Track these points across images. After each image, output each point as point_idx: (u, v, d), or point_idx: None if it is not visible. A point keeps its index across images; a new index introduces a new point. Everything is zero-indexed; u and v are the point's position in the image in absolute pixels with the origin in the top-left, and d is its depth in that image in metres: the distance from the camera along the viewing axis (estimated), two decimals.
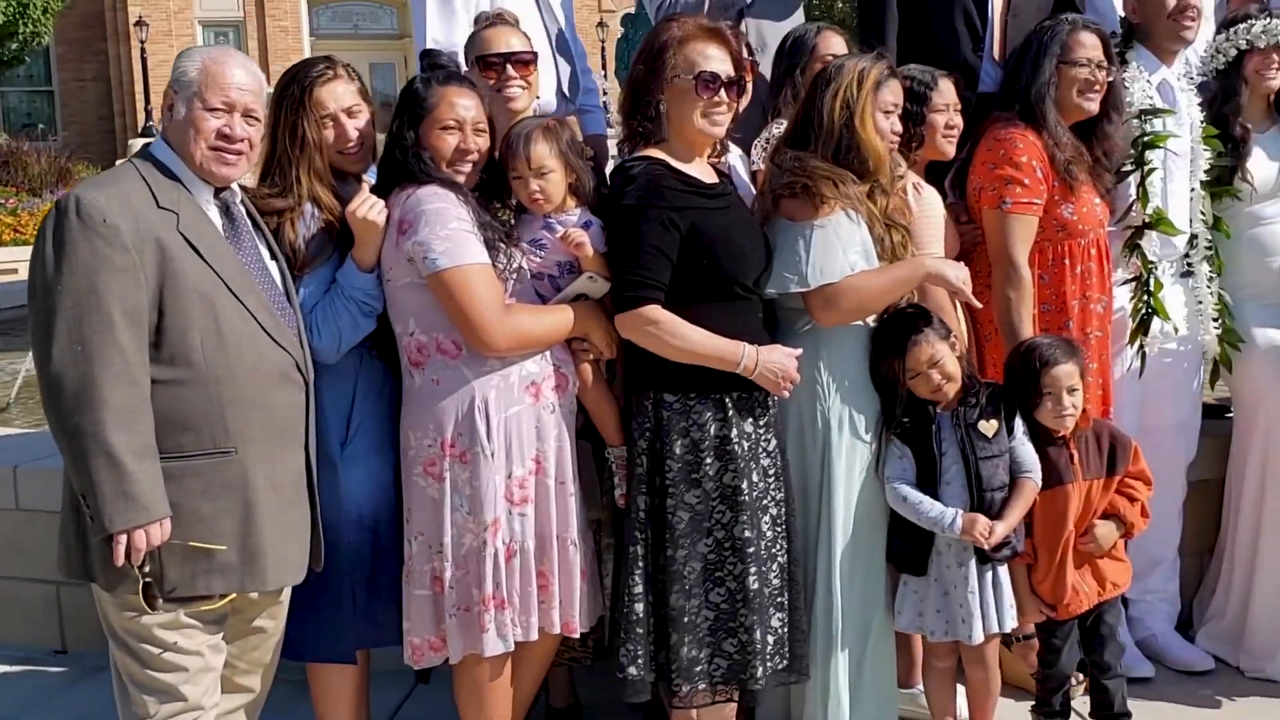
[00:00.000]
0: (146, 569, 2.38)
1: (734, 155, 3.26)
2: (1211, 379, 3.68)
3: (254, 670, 2.75)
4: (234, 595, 2.50)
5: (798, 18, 3.86)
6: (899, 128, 3.04)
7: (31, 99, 26.46)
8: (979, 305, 3.02)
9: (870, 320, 2.97)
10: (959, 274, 2.90)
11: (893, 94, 3.00)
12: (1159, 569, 3.64)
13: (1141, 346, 3.41)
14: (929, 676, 3.09)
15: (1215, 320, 3.52)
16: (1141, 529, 3.07)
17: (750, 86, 3.22)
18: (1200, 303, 3.52)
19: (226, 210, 2.56)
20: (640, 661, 2.78)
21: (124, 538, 2.31)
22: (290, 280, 2.65)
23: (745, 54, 3.23)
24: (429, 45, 3.30)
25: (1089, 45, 3.19)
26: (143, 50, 23.55)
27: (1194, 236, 3.51)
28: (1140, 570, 3.61)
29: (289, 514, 2.56)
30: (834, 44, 3.41)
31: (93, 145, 23.90)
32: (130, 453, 2.31)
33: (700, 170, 2.81)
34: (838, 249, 2.83)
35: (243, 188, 2.66)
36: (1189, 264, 3.52)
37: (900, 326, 2.93)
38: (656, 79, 2.73)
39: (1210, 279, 3.52)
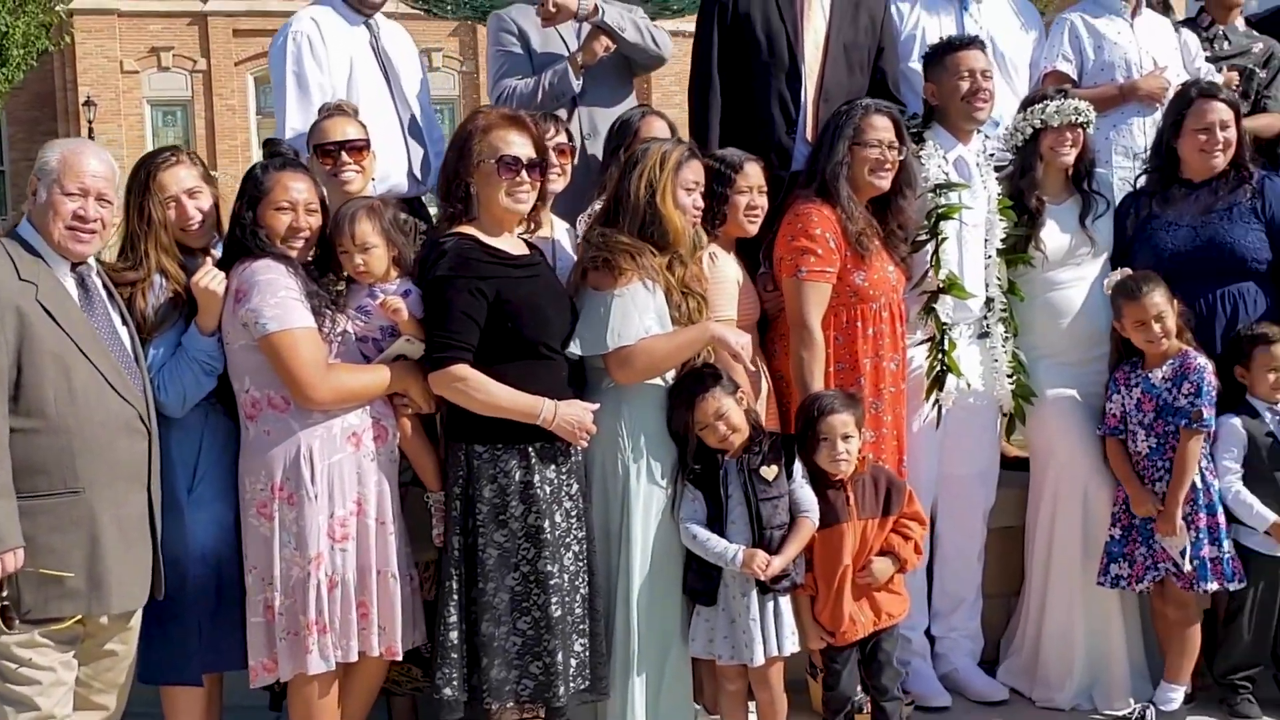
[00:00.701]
0: (4, 593, 2.74)
1: (561, 229, 3.64)
2: (1007, 432, 4.03)
3: (109, 690, 3.08)
4: (81, 617, 2.85)
5: (630, 102, 4.24)
6: (700, 204, 3.43)
7: None
8: (752, 370, 3.37)
9: (669, 377, 3.34)
10: (739, 339, 3.26)
11: (693, 173, 3.39)
12: (961, 608, 3.97)
13: (937, 401, 3.77)
14: (723, 698, 3.42)
15: (1010, 377, 3.88)
16: (914, 565, 3.43)
17: (567, 167, 3.60)
18: (996, 361, 3.87)
19: (82, 282, 2.94)
20: (455, 683, 3.12)
21: None
22: (139, 343, 3.01)
23: (566, 139, 3.64)
24: (288, 133, 3.69)
25: (880, 128, 3.58)
26: (90, 130, 23.83)
27: (990, 300, 3.87)
28: (944, 610, 3.99)
29: (132, 548, 2.91)
30: (656, 127, 3.80)
31: None
32: None
33: (509, 244, 3.19)
34: (634, 315, 3.20)
35: (101, 262, 3.04)
36: (986, 325, 3.88)
37: (692, 383, 3.29)
38: (465, 163, 3.11)
39: (1005, 339, 3.88)
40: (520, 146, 3.11)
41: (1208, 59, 4.57)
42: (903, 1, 4.29)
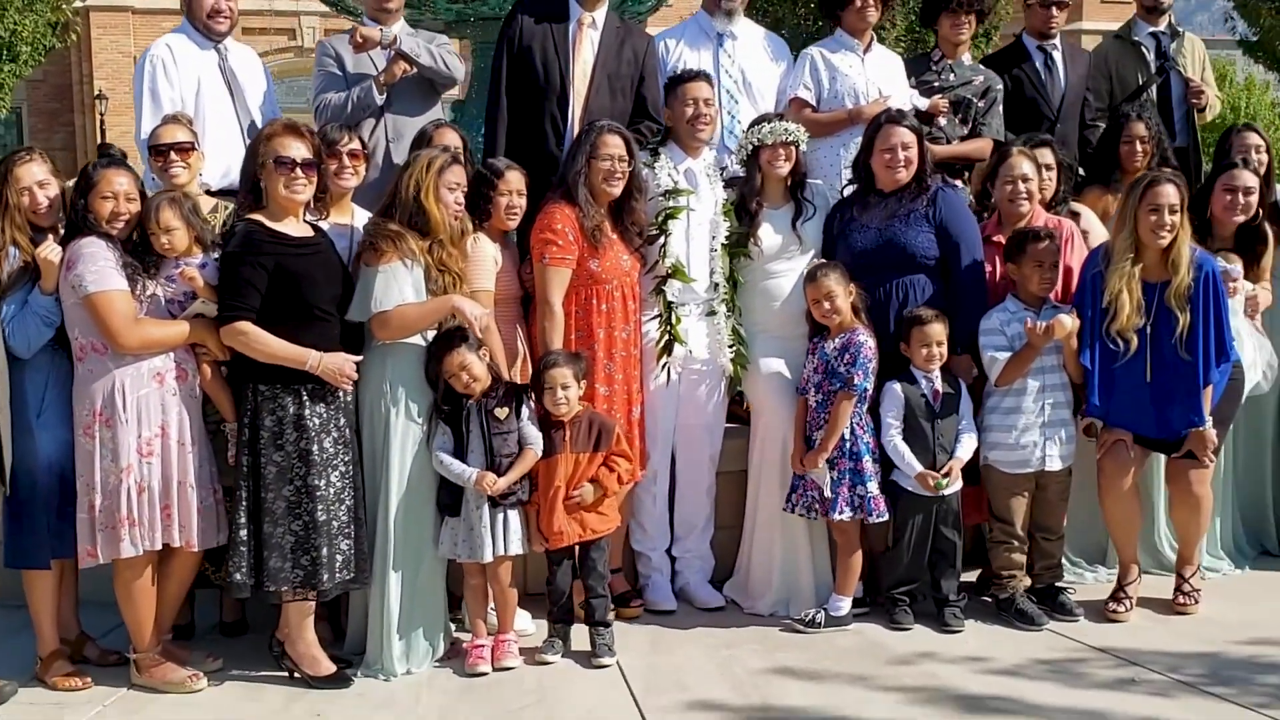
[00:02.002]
0: None
1: (362, 217, 4.44)
2: (729, 390, 4.90)
3: None
4: None
5: (435, 113, 5.11)
6: (461, 201, 4.29)
7: None
8: (479, 334, 4.19)
9: (428, 336, 4.20)
10: (474, 310, 4.11)
11: (455, 177, 4.25)
12: (693, 534, 4.86)
13: (666, 364, 4.65)
14: (466, 591, 4.30)
15: (731, 348, 4.75)
16: (615, 491, 4.30)
17: (360, 169, 4.39)
18: (720, 334, 4.75)
19: None
20: (243, 570, 3.99)
21: None
22: None
23: (359, 146, 4.46)
24: (143, 135, 4.56)
25: (612, 145, 4.44)
26: (102, 122, 24.76)
27: (716, 285, 4.75)
28: (681, 534, 4.89)
29: None
30: (447, 137, 4.66)
31: None
32: None
33: (291, 227, 4.04)
34: (393, 287, 4.06)
35: None
36: (712, 305, 4.75)
37: (443, 341, 4.16)
38: (254, 163, 3.99)
39: (727, 317, 4.75)
40: (296, 150, 3.98)
41: (935, 88, 5.44)
42: (670, 38, 5.18)
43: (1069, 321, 4.40)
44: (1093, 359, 4.49)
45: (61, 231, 4.07)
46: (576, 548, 4.29)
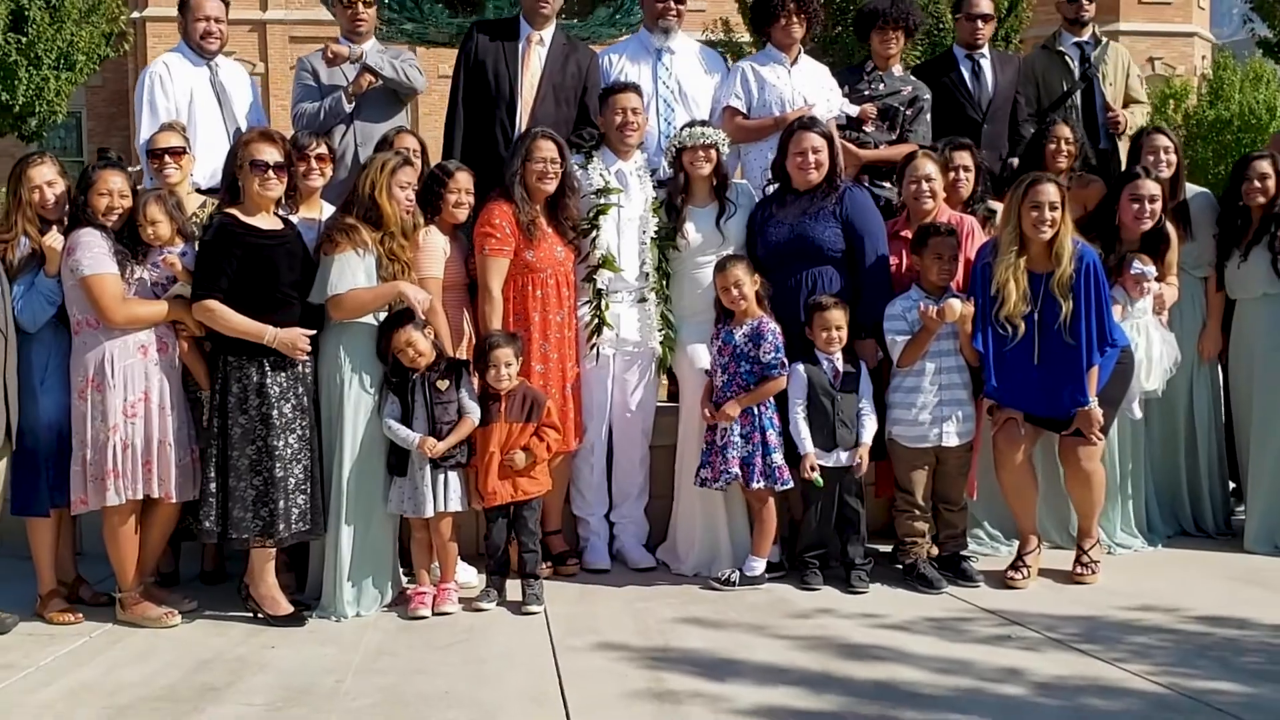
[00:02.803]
0: None
1: (329, 212, 5.02)
2: (659, 371, 5.39)
3: None
4: None
5: (399, 120, 5.69)
6: (412, 198, 4.84)
7: (71, 169, 29.29)
8: (422, 316, 4.73)
9: (379, 316, 4.75)
10: (417, 294, 4.66)
11: (406, 177, 4.81)
12: (628, 501, 5.36)
13: (595, 345, 5.16)
14: (412, 543, 4.84)
15: (660, 332, 5.26)
16: (543, 458, 4.82)
17: (327, 170, 4.96)
18: (650, 320, 5.25)
19: None
20: (211, 519, 4.57)
21: None
22: (6, 282, 4.51)
23: (325, 150, 5.03)
24: (142, 141, 5.19)
25: (544, 149, 4.98)
26: None
27: (647, 275, 5.26)
28: (618, 501, 5.40)
29: None
30: (407, 141, 5.23)
31: None
32: None
33: (263, 221, 4.61)
34: (347, 274, 4.63)
35: None
36: (643, 293, 5.26)
37: (393, 320, 4.72)
38: (232, 164, 4.58)
39: (657, 305, 5.26)
40: (269, 154, 4.57)
41: (866, 96, 5.91)
42: (614, 53, 5.72)
43: (958, 305, 4.84)
44: (985, 343, 4.92)
45: (65, 223, 4.71)
46: (511, 507, 4.81)
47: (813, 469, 4.93)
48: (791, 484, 4.98)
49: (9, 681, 4.07)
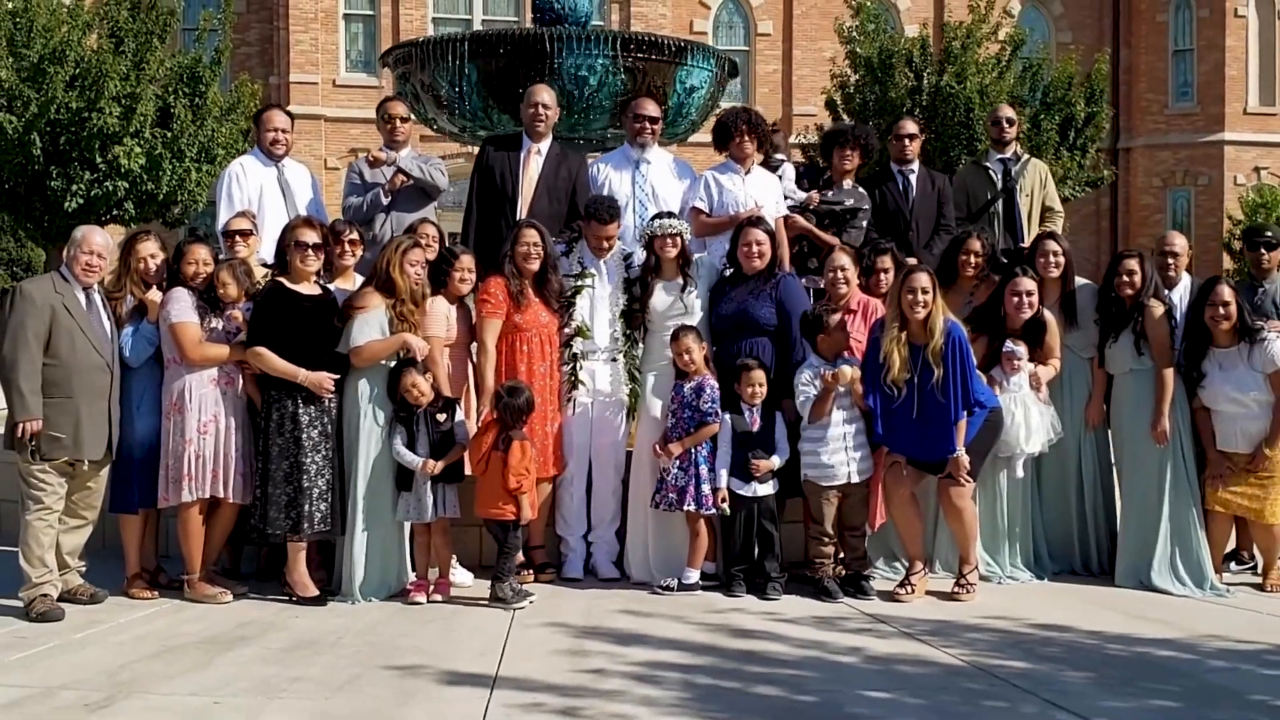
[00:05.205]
0: (32, 443, 5.67)
1: (358, 282, 6.43)
2: (629, 418, 6.60)
3: (90, 509, 6.00)
4: (69, 460, 5.75)
5: (426, 211, 7.10)
6: (422, 273, 6.19)
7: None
8: (421, 359, 6.04)
9: (391, 362, 6.08)
10: (417, 343, 5.99)
11: (416, 256, 6.16)
12: (602, 525, 6.54)
13: (573, 398, 6.41)
14: (415, 547, 6.09)
15: (627, 386, 6.49)
16: (520, 483, 6.04)
17: (358, 252, 6.38)
18: (619, 377, 6.49)
19: (88, 294, 5.91)
20: (255, 518, 5.91)
21: (22, 425, 5.60)
22: (114, 327, 5.96)
23: (356, 236, 6.44)
24: (220, 225, 6.67)
25: (529, 235, 6.31)
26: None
27: (616, 340, 6.51)
28: (594, 524, 6.57)
29: (96, 428, 5.81)
30: (428, 229, 6.60)
31: None
32: (27, 390, 5.62)
33: (305, 288, 6.00)
34: (365, 330, 5.97)
35: (101, 285, 6.02)
36: (614, 355, 6.50)
37: (400, 366, 6.03)
38: (284, 244, 5.99)
39: (624, 364, 6.49)
40: (309, 237, 5.98)
41: (823, 203, 7.19)
42: (601, 162, 7.09)
43: (848, 371, 6.01)
44: (875, 401, 6.06)
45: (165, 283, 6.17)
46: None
47: (723, 500, 6.09)
48: (714, 511, 6.13)
49: (96, 630, 5.42)
